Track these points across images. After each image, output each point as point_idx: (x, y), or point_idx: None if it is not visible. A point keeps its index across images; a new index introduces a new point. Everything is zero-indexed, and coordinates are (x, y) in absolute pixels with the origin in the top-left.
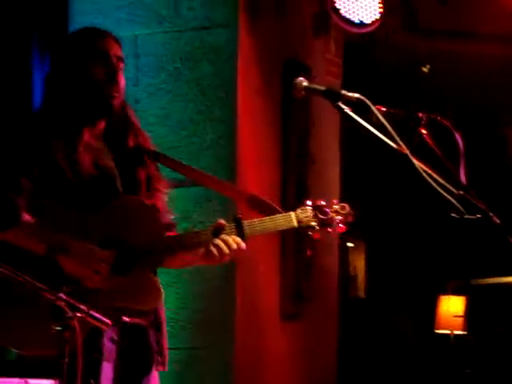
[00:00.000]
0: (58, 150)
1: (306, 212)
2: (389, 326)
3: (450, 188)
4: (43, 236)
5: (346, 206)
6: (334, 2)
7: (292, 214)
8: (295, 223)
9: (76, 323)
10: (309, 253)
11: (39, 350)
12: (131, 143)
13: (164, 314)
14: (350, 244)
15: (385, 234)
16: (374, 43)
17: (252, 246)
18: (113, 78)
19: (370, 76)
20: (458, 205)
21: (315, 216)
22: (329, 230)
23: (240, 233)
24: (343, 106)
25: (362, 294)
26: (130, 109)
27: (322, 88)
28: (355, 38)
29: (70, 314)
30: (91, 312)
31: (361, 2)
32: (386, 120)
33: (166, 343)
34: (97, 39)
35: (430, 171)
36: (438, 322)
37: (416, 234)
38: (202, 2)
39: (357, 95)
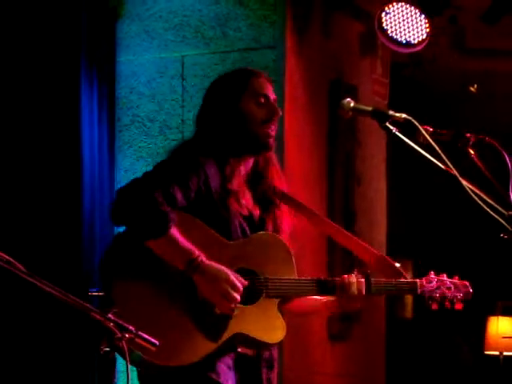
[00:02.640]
0: (214, 180)
1: (431, 283)
2: (444, 347)
3: (499, 209)
4: (184, 252)
5: (468, 284)
6: (382, 23)
7: (417, 282)
8: (418, 292)
9: (125, 344)
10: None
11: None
12: (268, 183)
13: (277, 353)
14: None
15: (432, 253)
16: (421, 63)
17: (298, 265)
18: (272, 118)
19: (417, 96)
20: (507, 225)
21: (439, 288)
22: (447, 304)
23: (367, 288)
24: (391, 127)
25: (409, 314)
26: (272, 151)
27: (369, 108)
28: (402, 57)
29: (119, 334)
30: (139, 333)
31: (408, 22)
32: (434, 140)
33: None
34: (253, 78)
35: (478, 192)
36: (487, 343)
37: (464, 254)
38: (248, 23)
39: (404, 115)
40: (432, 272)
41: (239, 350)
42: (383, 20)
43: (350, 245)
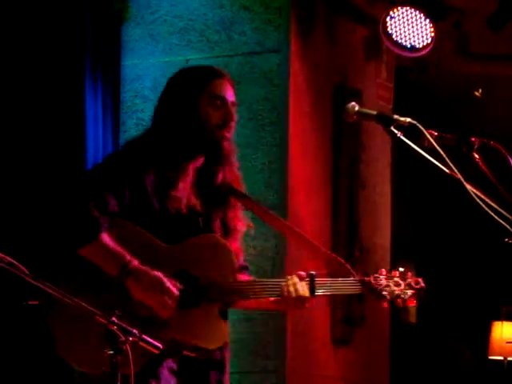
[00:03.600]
0: (152, 181)
1: (380, 281)
2: (446, 353)
3: (504, 213)
4: (116, 258)
5: (421, 280)
6: (386, 27)
7: (364, 280)
8: (365, 290)
9: (128, 347)
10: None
11: (97, 369)
12: (218, 180)
13: (228, 354)
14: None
15: (436, 258)
16: (426, 67)
17: (303, 269)
18: (227, 123)
19: (422, 100)
20: (511, 230)
21: (387, 286)
22: (399, 301)
23: (311, 289)
24: (395, 131)
25: (413, 319)
26: (231, 145)
27: (374, 112)
28: (407, 62)
29: (123, 337)
30: (143, 336)
31: (413, 27)
32: (438, 145)
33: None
34: (214, 80)
35: (483, 196)
36: (491, 348)
37: (468, 258)
38: (253, 27)
39: (409, 120)
40: (383, 270)
41: (184, 353)
42: (388, 24)
43: (302, 244)
